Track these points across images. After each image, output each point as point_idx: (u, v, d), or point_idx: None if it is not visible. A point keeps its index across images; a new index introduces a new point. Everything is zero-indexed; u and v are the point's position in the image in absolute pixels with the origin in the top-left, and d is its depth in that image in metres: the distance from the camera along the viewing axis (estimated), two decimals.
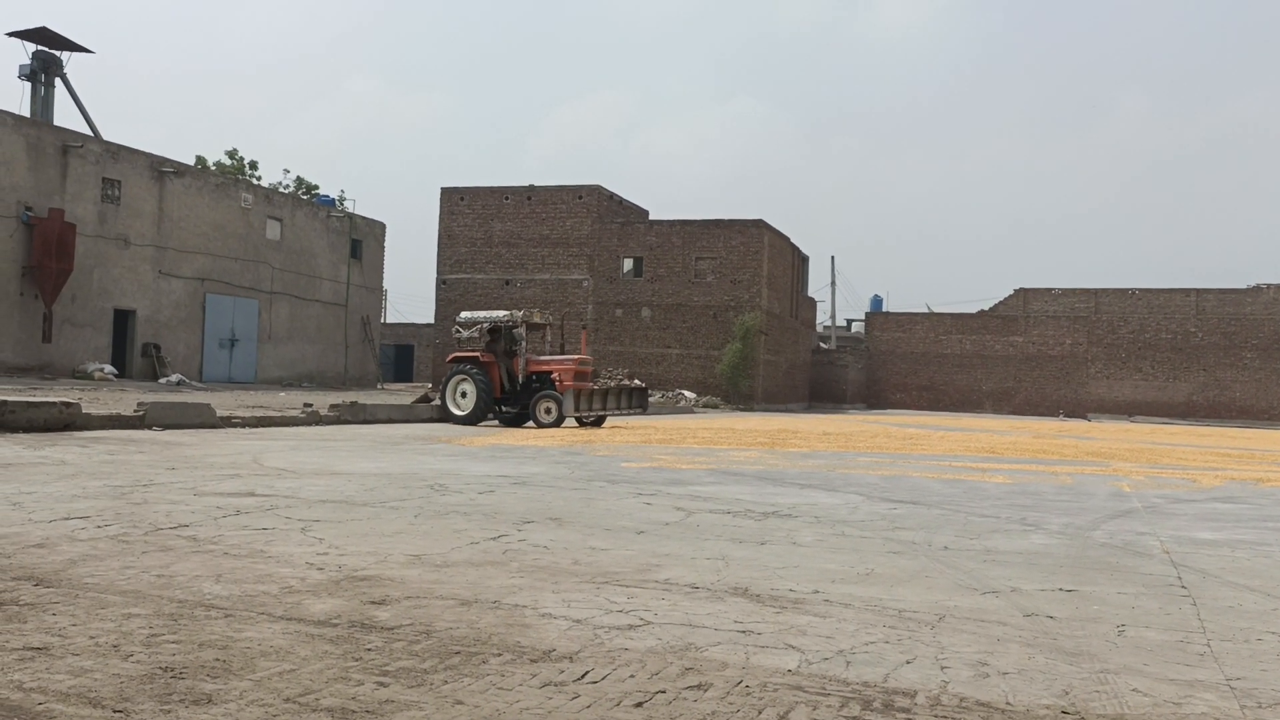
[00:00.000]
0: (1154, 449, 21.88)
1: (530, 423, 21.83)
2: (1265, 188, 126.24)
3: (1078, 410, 56.72)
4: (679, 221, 48.29)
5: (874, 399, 60.57)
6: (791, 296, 53.77)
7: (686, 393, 43.94)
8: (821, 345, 64.97)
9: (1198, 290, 56.45)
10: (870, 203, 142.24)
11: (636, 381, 27.45)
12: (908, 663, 3.89)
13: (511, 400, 22.31)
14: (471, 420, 21.58)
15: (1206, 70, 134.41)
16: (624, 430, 20.02)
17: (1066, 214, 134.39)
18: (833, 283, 70.79)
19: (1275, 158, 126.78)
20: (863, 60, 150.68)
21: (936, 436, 23.43)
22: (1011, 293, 59.73)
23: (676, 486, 9.87)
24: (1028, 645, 4.22)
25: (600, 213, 48.98)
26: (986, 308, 60.42)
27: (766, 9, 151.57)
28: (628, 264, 48.92)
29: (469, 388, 21.78)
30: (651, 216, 51.58)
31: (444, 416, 22.22)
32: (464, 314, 22.99)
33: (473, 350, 22.05)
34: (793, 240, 53.26)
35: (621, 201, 50.97)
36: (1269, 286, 55.33)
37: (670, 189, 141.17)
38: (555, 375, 21.82)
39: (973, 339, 59.68)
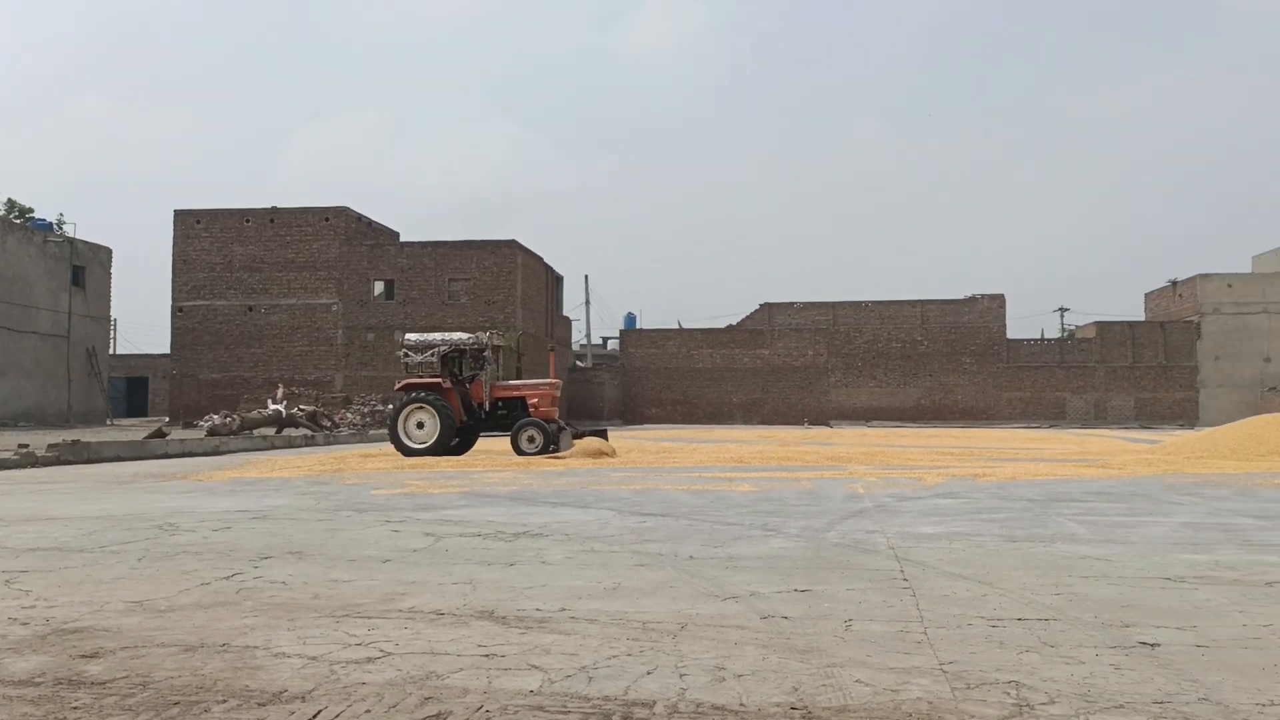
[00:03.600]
0: (887, 451, 23.31)
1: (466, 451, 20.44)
2: (979, 206, 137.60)
3: (821, 418, 59.77)
4: (431, 243, 47.67)
5: (630, 415, 61.68)
6: (547, 316, 54.08)
7: None
8: (578, 364, 65.64)
9: (922, 301, 60.76)
10: (624, 222, 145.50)
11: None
12: (648, 673, 3.94)
13: (471, 429, 20.90)
14: (434, 452, 19.51)
15: (931, 97, 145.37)
16: (378, 458, 19.48)
17: (807, 231, 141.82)
18: (587, 301, 71.82)
19: (986, 179, 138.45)
20: (616, 83, 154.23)
21: (689, 449, 24.09)
22: (757, 307, 62.35)
23: (427, 512, 9.68)
24: (763, 647, 4.37)
25: (349, 235, 47.67)
26: (734, 322, 62.81)
27: (523, 32, 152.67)
28: (379, 287, 47.82)
29: (427, 417, 19.79)
30: (407, 238, 50.65)
31: (398, 450, 19.88)
32: (410, 336, 21.01)
33: (427, 376, 20.33)
34: (546, 260, 53.61)
35: (371, 224, 49.79)
36: (983, 297, 60.24)
37: (427, 211, 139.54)
38: (534, 401, 20.60)
39: (722, 353, 61.86)
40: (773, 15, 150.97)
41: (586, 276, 72.51)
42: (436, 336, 20.76)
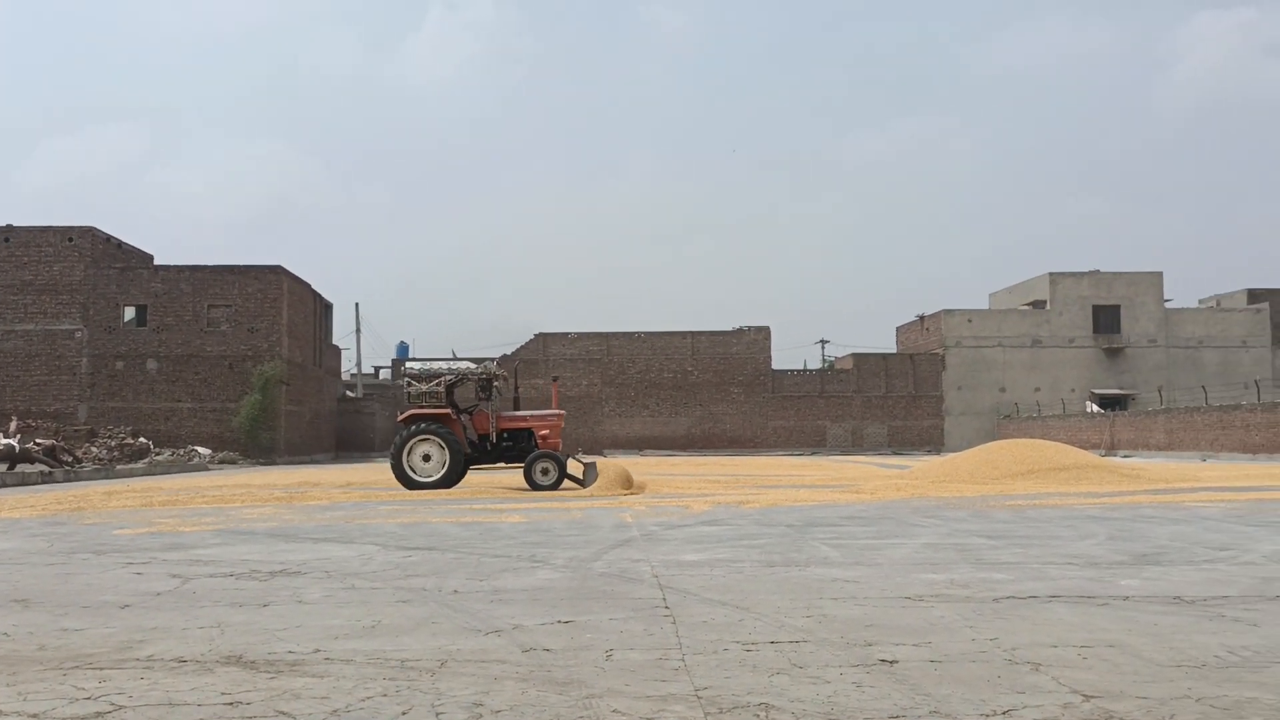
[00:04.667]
0: (657, 480, 23.75)
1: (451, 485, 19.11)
2: (747, 241, 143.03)
3: (595, 448, 60.30)
4: (189, 267, 45.28)
5: None
6: (315, 345, 52.29)
7: (200, 449, 41.06)
8: (348, 393, 63.75)
9: (693, 333, 62.49)
10: (398, 250, 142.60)
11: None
12: (403, 714, 3.84)
13: (474, 460, 19.77)
14: (444, 484, 18.74)
15: (702, 136, 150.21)
16: (123, 494, 18.23)
17: (582, 262, 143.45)
18: (358, 330, 69.89)
19: (754, 216, 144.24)
20: (391, 108, 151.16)
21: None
22: (532, 337, 62.43)
23: (175, 552, 9.12)
24: (523, 680, 4.34)
25: (95, 257, 44.66)
26: (509, 352, 62.63)
27: (292, 50, 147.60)
28: (130, 313, 44.97)
29: (434, 449, 18.90)
30: (164, 262, 47.85)
31: (402, 483, 18.92)
32: (414, 365, 19.84)
33: (433, 406, 19.28)
34: (315, 288, 51.91)
35: (121, 245, 46.82)
36: (750, 329, 62.56)
37: (186, 233, 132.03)
38: (545, 432, 19.77)
39: (496, 385, 61.51)
40: (550, 50, 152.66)
41: (357, 304, 70.56)
42: (442, 365, 19.90)
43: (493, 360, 20.62)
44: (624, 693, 4.14)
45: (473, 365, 20.02)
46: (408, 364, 20.44)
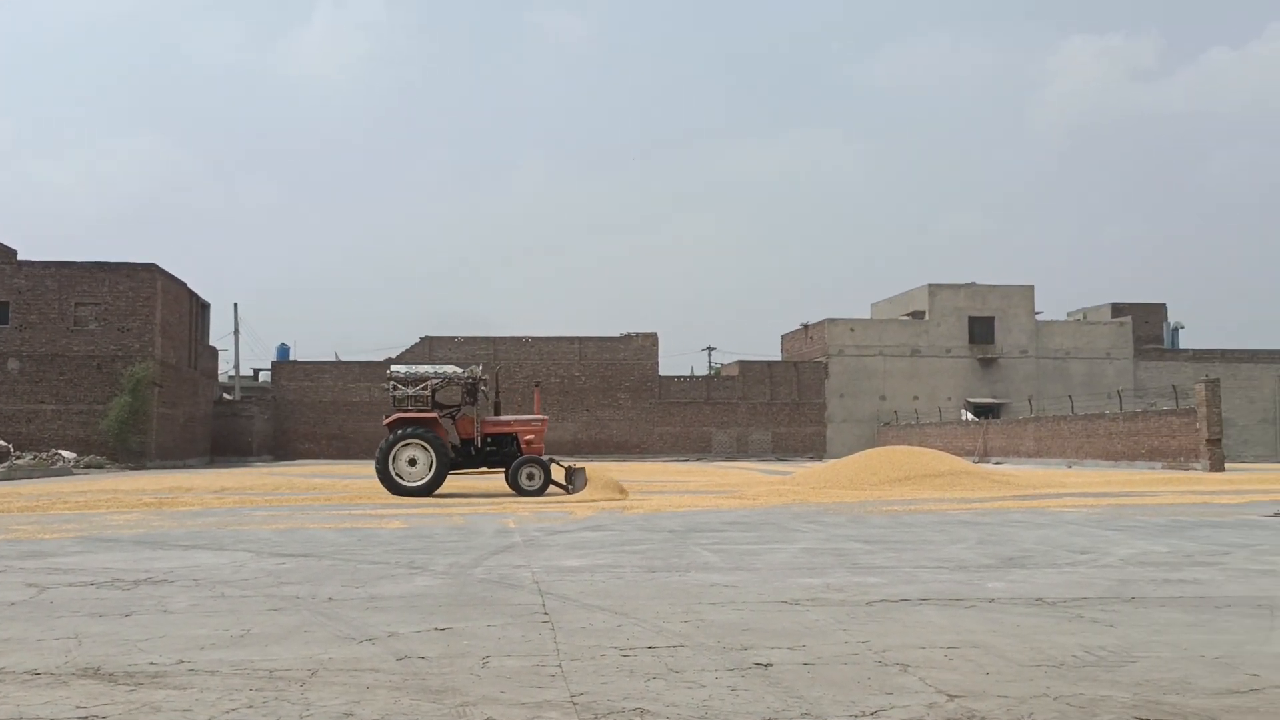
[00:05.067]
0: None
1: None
2: (636, 247, 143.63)
3: None
4: (55, 263, 43.40)
5: (282, 450, 58.86)
6: (190, 345, 50.63)
7: (65, 453, 39.35)
8: (225, 396, 61.90)
9: (581, 338, 62.45)
10: (280, 250, 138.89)
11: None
12: None
13: (458, 465, 19.37)
14: (428, 490, 18.32)
15: (594, 142, 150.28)
16: None
17: (470, 266, 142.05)
18: (236, 331, 67.94)
19: (644, 223, 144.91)
20: (277, 104, 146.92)
21: (342, 485, 23.31)
22: (418, 340, 61.58)
23: (33, 560, 8.72)
24: (396, 689, 4.27)
25: None
26: (394, 355, 61.66)
27: (171, 39, 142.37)
28: None
29: (420, 454, 18.53)
30: (28, 257, 45.75)
31: (388, 488, 18.45)
32: (399, 368, 19.58)
33: (419, 410, 19.06)
34: (191, 287, 50.29)
35: None
36: (638, 335, 62.82)
37: (54, 227, 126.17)
38: (530, 437, 19.57)
39: (381, 387, 60.47)
40: (442, 52, 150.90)
41: (236, 305, 68.59)
42: (428, 369, 19.72)
43: (477, 366, 20.44)
44: (499, 700, 4.10)
45: (459, 369, 19.92)
46: (393, 367, 19.97)
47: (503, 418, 20.32)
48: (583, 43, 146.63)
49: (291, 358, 63.72)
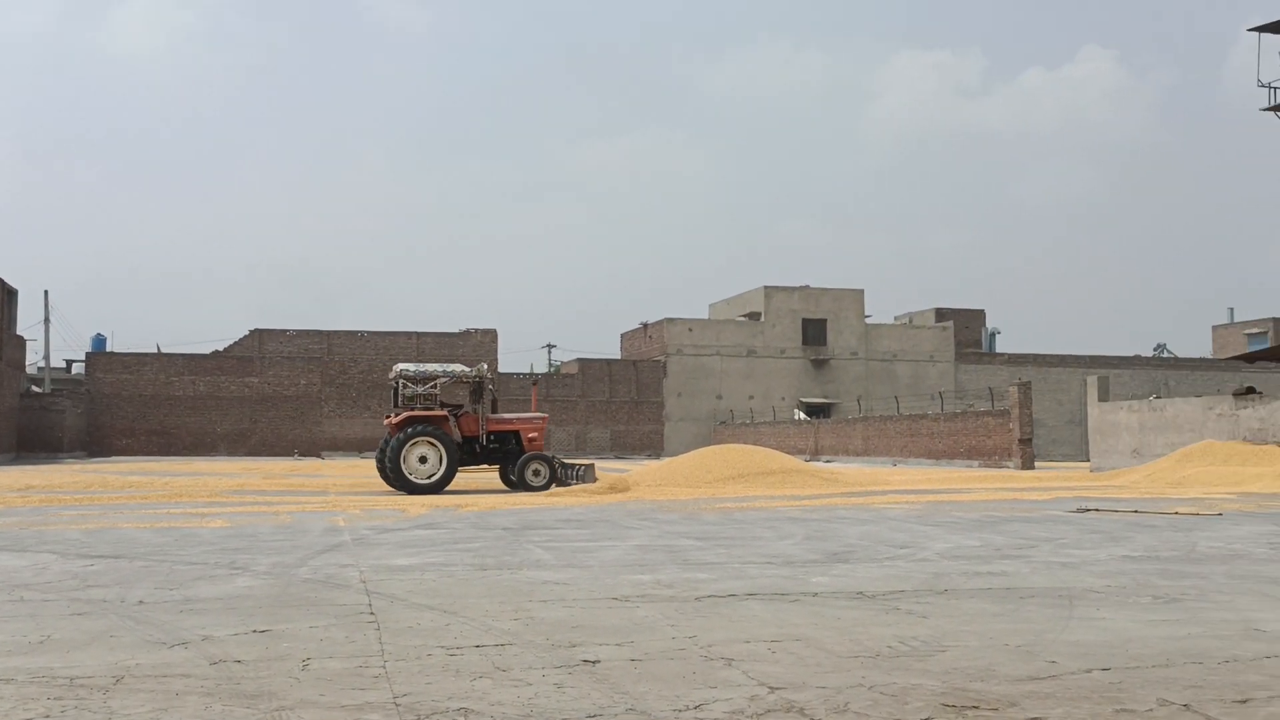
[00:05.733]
0: (375, 482, 23.15)
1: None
2: (477, 243, 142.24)
3: (312, 449, 58.11)
4: None
5: (98, 446, 55.85)
6: None
7: None
8: (34, 389, 58.33)
9: (418, 334, 61.42)
10: (98, 236, 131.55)
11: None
12: None
13: (463, 462, 19.64)
14: (439, 487, 18.51)
15: (435, 136, 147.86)
16: None
17: (304, 257, 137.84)
18: (46, 320, 64.07)
19: (485, 218, 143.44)
20: (94, 83, 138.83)
21: (160, 483, 22.27)
22: (247, 333, 59.43)
23: None
24: (208, 695, 4.10)
25: None
26: (221, 348, 59.34)
27: None
28: None
29: (430, 451, 18.67)
30: None
31: (400, 487, 18.49)
32: (406, 366, 19.73)
33: (428, 409, 19.21)
34: None
35: None
36: (477, 331, 62.21)
37: None
38: (532, 435, 20.12)
39: (207, 380, 58.10)
40: (276, 35, 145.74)
41: (46, 292, 64.61)
42: (436, 368, 19.93)
43: (484, 365, 20.78)
44: (318, 703, 3.99)
45: (466, 368, 20.20)
46: (400, 366, 19.95)
47: (506, 415, 20.85)
48: (425, 34, 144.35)
49: (109, 349, 60.58)
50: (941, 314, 67.66)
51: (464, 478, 21.58)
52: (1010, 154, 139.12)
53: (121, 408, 56.95)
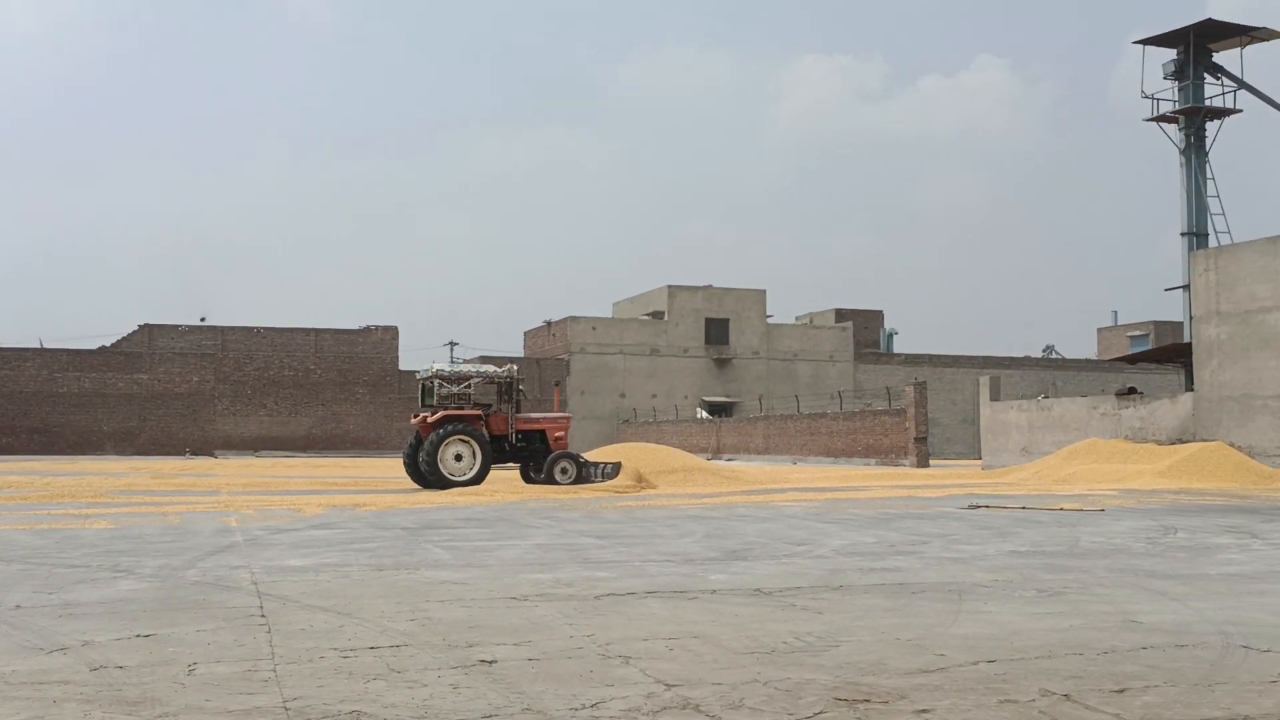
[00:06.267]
0: (270, 482, 22.66)
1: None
2: (379, 239, 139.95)
3: (205, 448, 56.58)
4: None
5: None
6: None
7: None
8: None
9: (317, 330, 60.26)
10: None
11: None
12: None
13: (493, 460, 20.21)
14: (476, 482, 19.23)
15: (335, 127, 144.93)
16: None
17: (194, 251, 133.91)
18: None
19: (387, 214, 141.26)
20: None
21: (41, 483, 21.46)
22: (136, 328, 57.61)
23: None
24: (87, 702, 3.96)
25: None
26: (109, 344, 57.39)
27: None
28: None
29: (465, 449, 19.40)
30: None
31: (435, 483, 18.97)
32: (440, 366, 20.56)
33: (461, 408, 19.97)
34: None
35: None
36: (377, 328, 61.30)
37: None
38: (559, 434, 20.82)
39: (93, 377, 56.16)
40: (171, 16, 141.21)
41: None
42: (470, 369, 20.86)
43: (513, 365, 21.40)
44: (204, 709, 3.88)
45: (498, 369, 20.94)
46: (436, 365, 20.72)
47: (533, 415, 21.61)
48: (326, 25, 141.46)
49: None
50: (841, 314, 68.84)
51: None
52: (910, 158, 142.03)
53: (2, 405, 54.72)
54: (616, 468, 20.39)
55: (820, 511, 13.72)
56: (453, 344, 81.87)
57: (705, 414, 58.62)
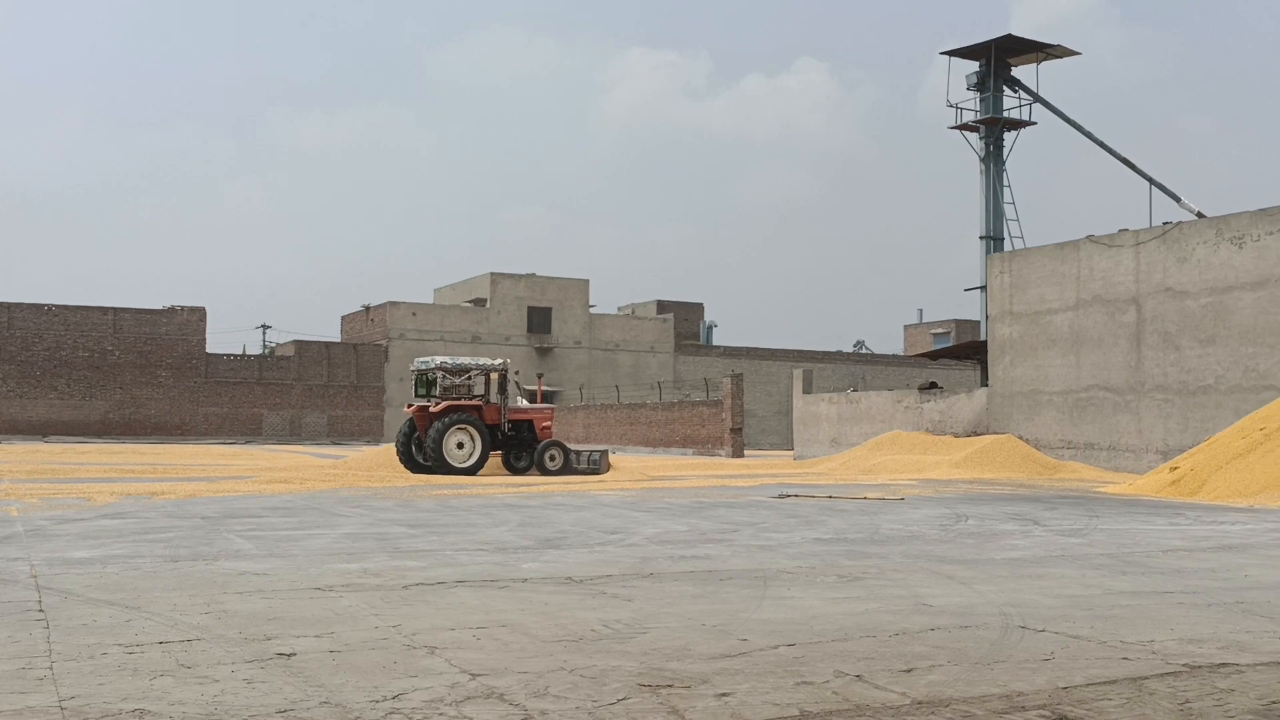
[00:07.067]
0: (58, 469, 21.33)
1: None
2: (185, 216, 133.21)
3: None
4: None
5: None
6: None
7: None
8: None
9: (115, 309, 56.99)
10: None
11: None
12: None
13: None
14: (474, 470, 19.90)
15: (144, 97, 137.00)
16: None
17: None
18: None
19: (196, 191, 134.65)
20: None
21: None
22: None
23: None
24: None
25: None
26: None
27: None
28: None
29: (466, 438, 20.07)
30: None
31: (437, 469, 19.66)
32: (443, 359, 20.84)
33: (462, 398, 20.60)
34: None
35: None
36: (183, 308, 58.44)
37: None
38: (545, 424, 21.64)
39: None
40: None
41: None
42: (470, 361, 21.27)
43: (507, 359, 22.25)
44: None
45: (494, 361, 21.41)
46: (439, 358, 20.96)
47: (522, 405, 22.21)
48: None
49: None
50: (663, 306, 69.80)
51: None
52: (731, 154, 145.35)
53: None
54: (603, 456, 21.66)
55: (636, 500, 13.88)
56: (265, 327, 79.10)
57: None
